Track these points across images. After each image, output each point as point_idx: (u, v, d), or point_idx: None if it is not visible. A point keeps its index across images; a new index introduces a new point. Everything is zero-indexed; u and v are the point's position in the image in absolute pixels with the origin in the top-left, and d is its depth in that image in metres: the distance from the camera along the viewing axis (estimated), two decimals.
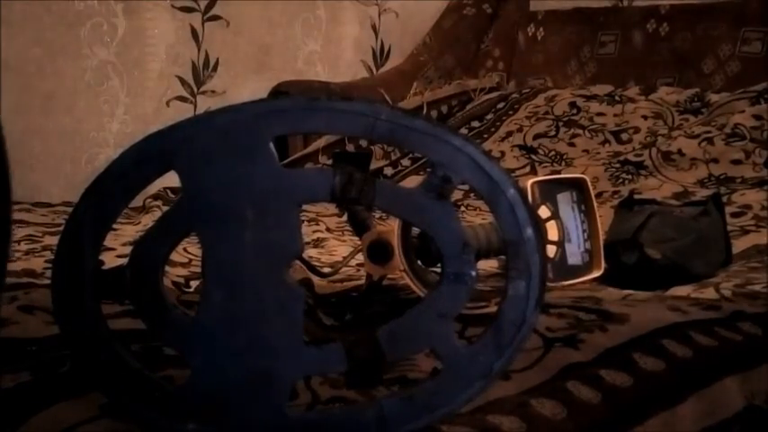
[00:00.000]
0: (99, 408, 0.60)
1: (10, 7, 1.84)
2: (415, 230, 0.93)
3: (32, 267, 1.13)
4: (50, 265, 0.59)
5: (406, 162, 2.12)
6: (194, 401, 0.58)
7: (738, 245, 1.32)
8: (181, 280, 1.08)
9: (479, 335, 0.59)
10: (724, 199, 1.50)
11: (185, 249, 1.18)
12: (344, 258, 1.11)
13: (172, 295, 0.85)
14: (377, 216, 1.25)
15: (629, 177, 1.81)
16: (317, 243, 1.45)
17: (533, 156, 2.04)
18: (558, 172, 1.91)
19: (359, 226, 0.99)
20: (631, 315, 0.85)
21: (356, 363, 0.58)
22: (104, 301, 0.58)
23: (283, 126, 0.58)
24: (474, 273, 0.58)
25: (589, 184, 1.15)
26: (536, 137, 2.08)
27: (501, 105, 2.27)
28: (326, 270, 1.10)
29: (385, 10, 2.56)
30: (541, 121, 2.12)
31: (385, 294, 0.97)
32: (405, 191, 0.59)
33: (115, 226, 0.80)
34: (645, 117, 2.02)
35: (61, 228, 0.58)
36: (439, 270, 0.61)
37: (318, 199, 0.59)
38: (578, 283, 1.10)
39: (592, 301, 0.91)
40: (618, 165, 1.86)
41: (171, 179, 0.59)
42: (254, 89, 2.20)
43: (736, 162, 1.75)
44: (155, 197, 1.74)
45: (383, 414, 0.58)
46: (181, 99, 2.16)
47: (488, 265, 1.17)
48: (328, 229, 1.59)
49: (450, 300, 0.58)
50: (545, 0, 2.53)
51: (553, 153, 2.03)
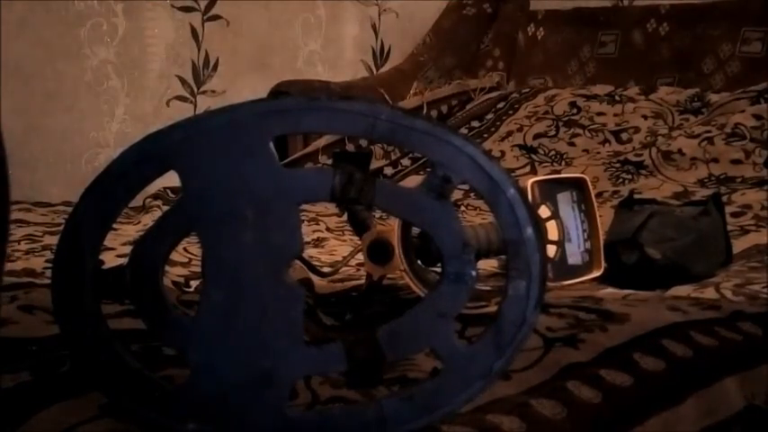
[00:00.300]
0: (99, 408, 0.60)
1: (10, 7, 1.84)
2: (415, 230, 0.93)
3: (32, 267, 1.14)
4: (50, 265, 0.59)
5: (406, 162, 2.12)
6: (194, 401, 0.57)
7: (738, 245, 1.32)
8: (181, 280, 1.08)
9: (479, 335, 0.59)
10: (724, 199, 1.49)
11: (185, 249, 1.18)
12: (344, 258, 1.11)
13: (172, 295, 0.85)
14: (377, 216, 1.25)
15: (629, 177, 1.81)
16: (317, 243, 1.45)
17: (533, 155, 2.04)
18: (558, 172, 1.91)
19: (359, 226, 0.99)
20: (631, 315, 0.85)
21: (356, 363, 0.58)
22: (104, 301, 0.58)
23: (283, 126, 0.58)
24: (474, 272, 0.58)
25: (589, 184, 1.15)
26: (536, 136, 2.08)
27: (501, 105, 2.27)
28: (326, 270, 1.09)
29: (385, 10, 2.56)
30: (541, 121, 2.12)
31: (385, 294, 0.96)
32: (405, 191, 0.59)
33: (115, 226, 0.80)
34: (645, 117, 2.02)
35: (61, 227, 0.58)
36: (439, 270, 0.61)
37: (318, 199, 0.59)
38: (578, 283, 1.10)
39: (592, 301, 0.91)
40: (618, 164, 1.86)
41: (171, 179, 0.59)
42: (254, 89, 2.20)
43: (736, 162, 1.75)
44: (155, 197, 1.73)
45: (383, 414, 0.58)
46: (181, 99, 2.16)
47: (488, 265, 1.17)
48: (328, 229, 1.59)
49: (450, 299, 0.58)
50: (545, 0, 2.53)
51: (553, 153, 2.03)
